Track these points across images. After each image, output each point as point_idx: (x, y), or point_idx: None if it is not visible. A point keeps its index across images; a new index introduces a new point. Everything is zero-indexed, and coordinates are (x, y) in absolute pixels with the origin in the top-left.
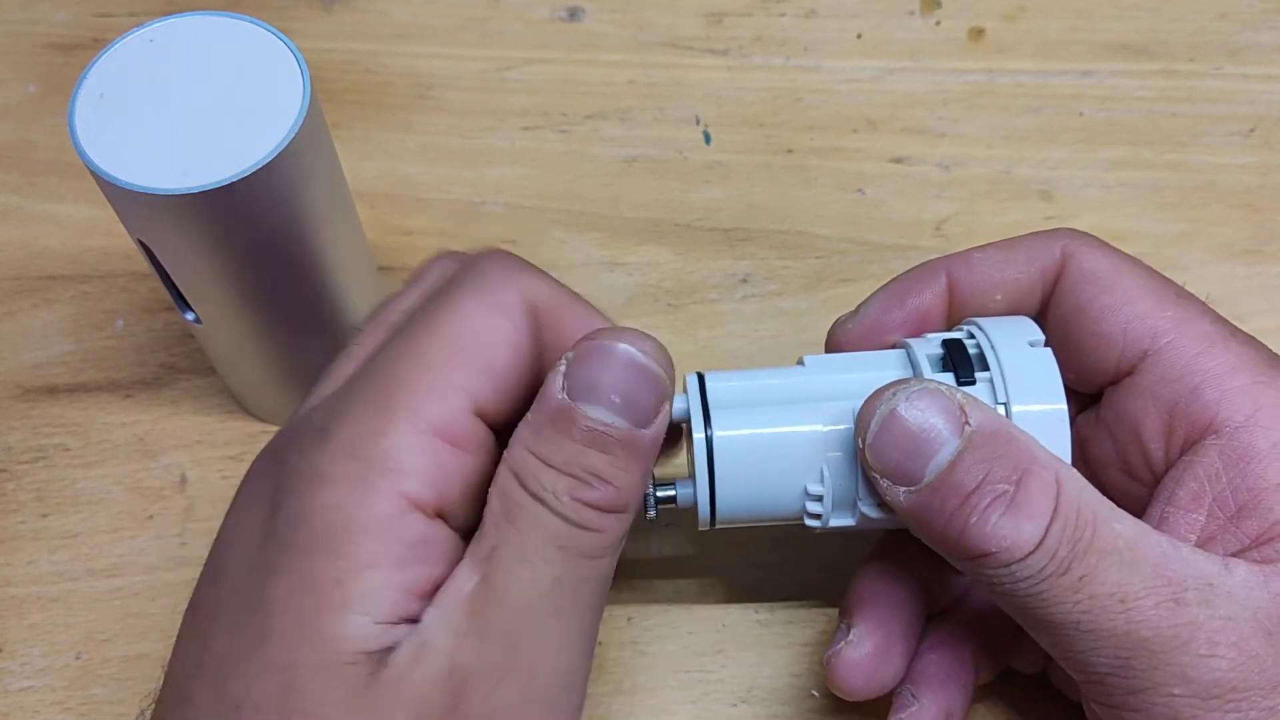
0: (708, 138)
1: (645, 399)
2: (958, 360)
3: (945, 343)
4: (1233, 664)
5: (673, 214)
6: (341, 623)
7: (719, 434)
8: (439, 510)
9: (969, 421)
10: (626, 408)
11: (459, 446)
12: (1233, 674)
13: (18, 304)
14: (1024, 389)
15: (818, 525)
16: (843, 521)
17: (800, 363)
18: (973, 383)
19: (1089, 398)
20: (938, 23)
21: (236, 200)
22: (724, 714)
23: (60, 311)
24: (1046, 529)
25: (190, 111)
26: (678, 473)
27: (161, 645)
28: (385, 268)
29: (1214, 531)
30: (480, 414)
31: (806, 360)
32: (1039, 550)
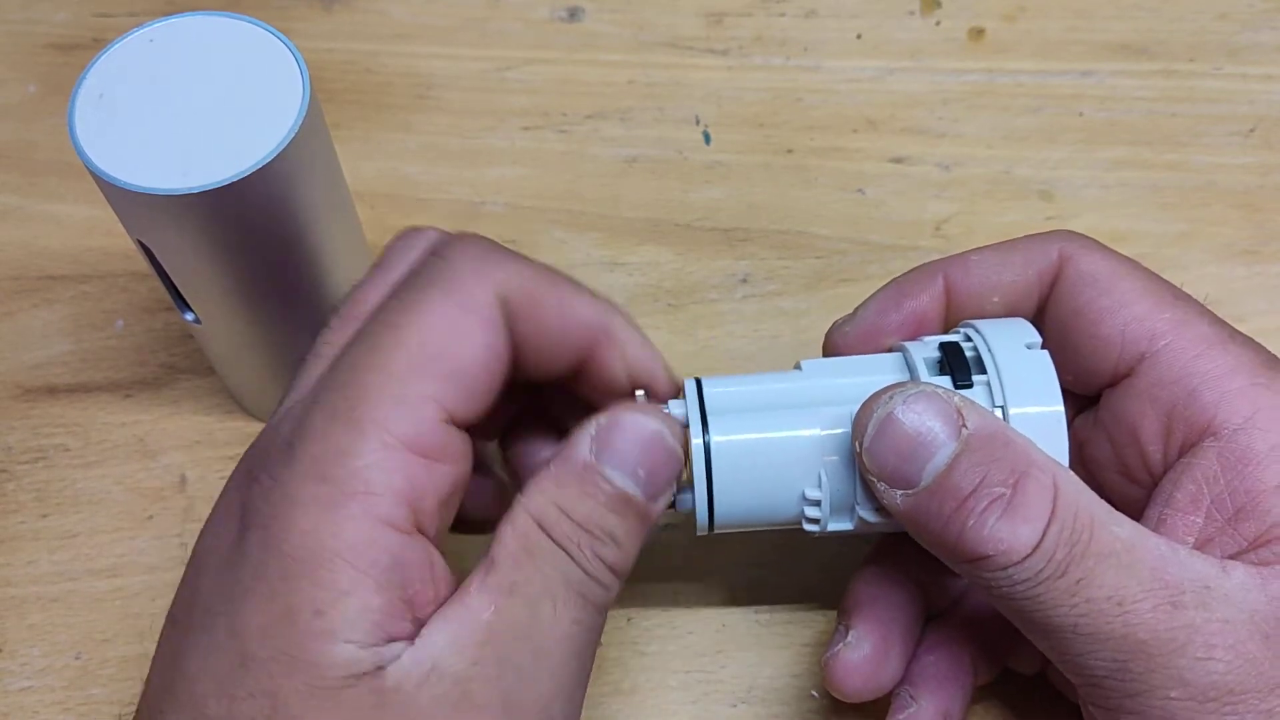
0: (708, 138)
1: (662, 477)
2: (955, 363)
3: (942, 346)
4: (1230, 667)
5: (673, 214)
6: (326, 651)
7: (716, 439)
8: (417, 524)
9: (966, 424)
10: (646, 481)
11: (431, 458)
12: (1230, 677)
13: (18, 304)
14: (1021, 391)
15: (816, 530)
16: (841, 526)
17: (797, 367)
18: (970, 386)
19: (1087, 400)
20: (938, 23)
21: (236, 200)
22: (724, 714)
23: (60, 311)
24: (1044, 532)
25: (190, 111)
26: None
27: None
28: None
29: (1212, 534)
30: (452, 420)
31: (803, 364)
32: (1036, 553)
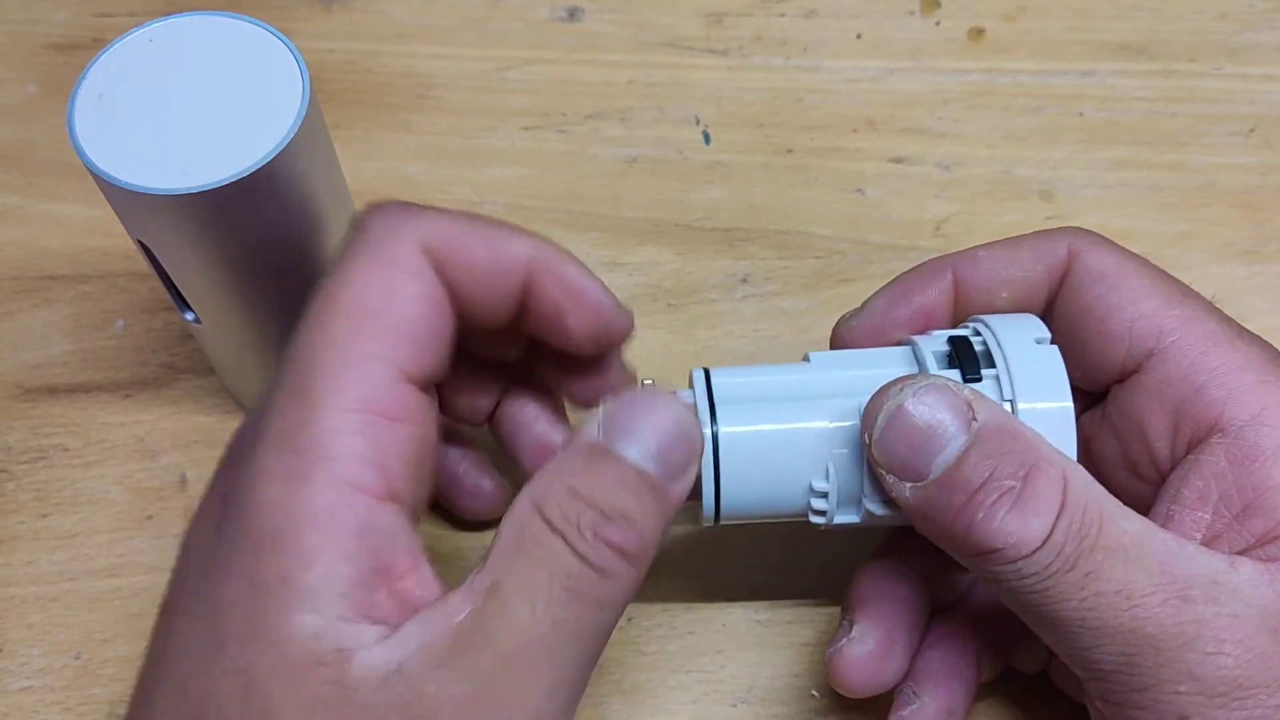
0: (708, 138)
1: (678, 455)
2: (964, 357)
3: (951, 340)
4: (1238, 661)
5: (673, 214)
6: (291, 623)
7: (724, 430)
8: (388, 491)
9: (976, 417)
10: (660, 458)
11: (393, 418)
12: (1238, 671)
13: (18, 304)
14: (1030, 386)
15: (823, 522)
16: (848, 518)
17: (805, 359)
18: (979, 380)
19: (1095, 396)
20: (938, 23)
21: (236, 200)
22: (724, 714)
23: (60, 311)
24: (1053, 525)
25: (190, 111)
26: None
27: None
28: None
29: (1219, 530)
30: (409, 378)
31: (812, 357)
32: (1045, 546)
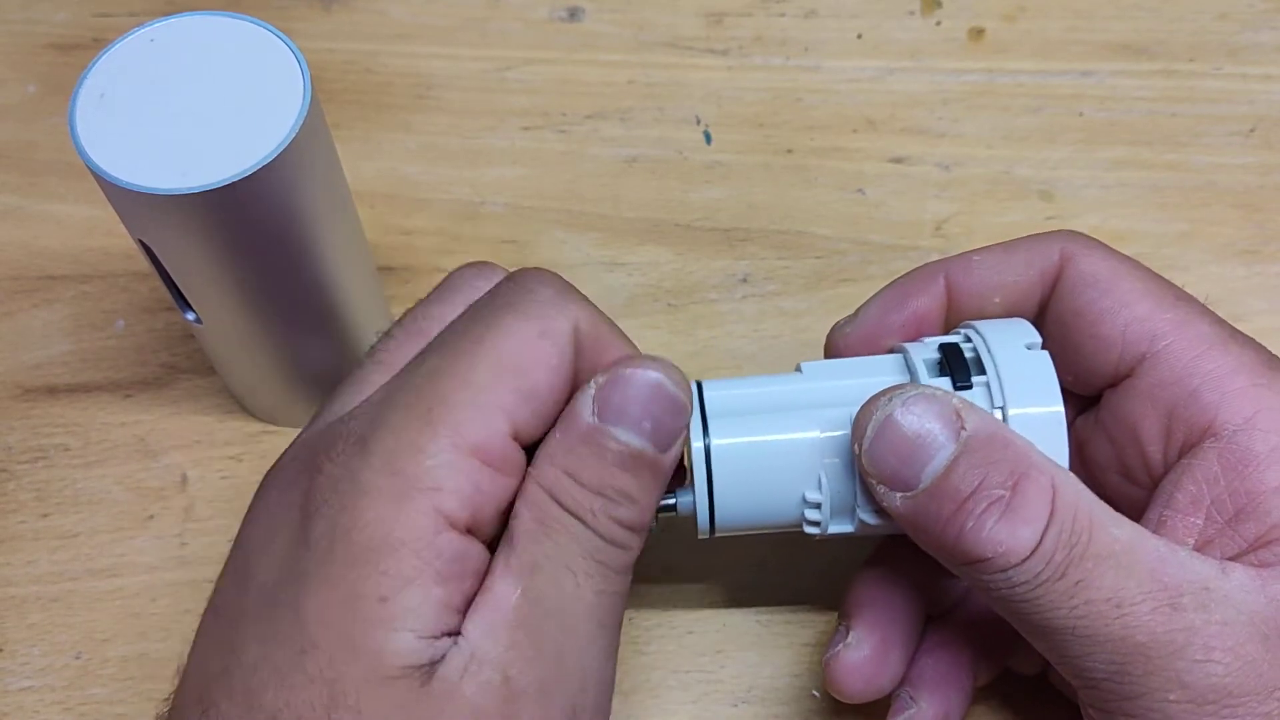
0: (708, 138)
1: (670, 425)
2: (954, 364)
3: (942, 347)
4: (1229, 669)
5: (673, 214)
6: (389, 638)
7: (717, 442)
8: (470, 527)
9: (965, 426)
10: (653, 432)
11: (495, 468)
12: (1229, 679)
13: (18, 304)
14: (1021, 392)
15: (817, 532)
16: (841, 528)
17: (797, 369)
18: (969, 387)
19: (1088, 400)
20: (938, 23)
21: (236, 200)
22: (724, 714)
23: (60, 311)
24: (1042, 534)
25: (190, 111)
26: (676, 481)
27: (161, 645)
28: (385, 268)
29: (1212, 535)
30: (517, 437)
31: (803, 367)
32: (1035, 555)
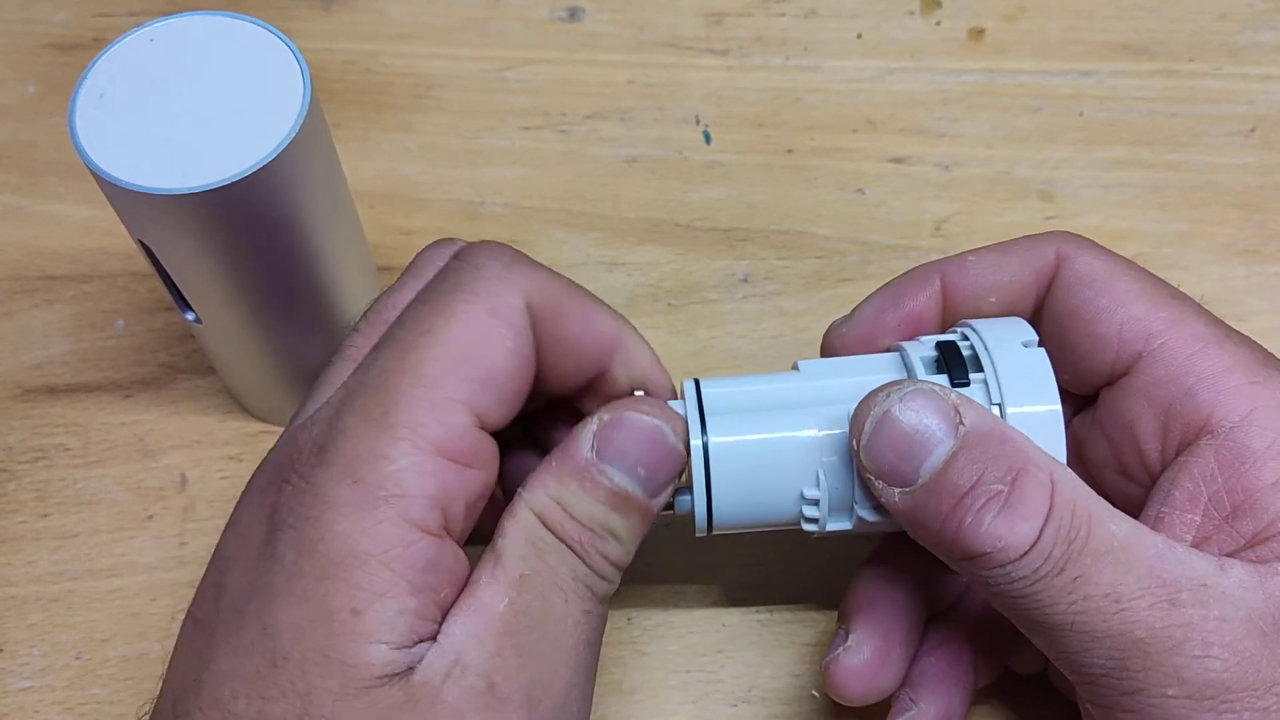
0: (708, 138)
1: (663, 474)
2: (951, 362)
3: (939, 344)
4: (1227, 665)
5: (673, 214)
6: (362, 652)
7: (715, 441)
8: (446, 528)
9: (963, 422)
10: (647, 479)
11: (462, 463)
12: (1227, 675)
13: (18, 304)
14: (1018, 389)
15: (815, 530)
16: (840, 525)
17: (794, 368)
18: (967, 384)
19: (1084, 400)
20: (938, 23)
21: (236, 200)
22: (724, 714)
23: (60, 311)
24: (1041, 529)
25: (190, 111)
26: None
27: (161, 645)
28: (385, 268)
29: (1209, 532)
30: (483, 425)
31: (801, 365)
32: (1033, 551)
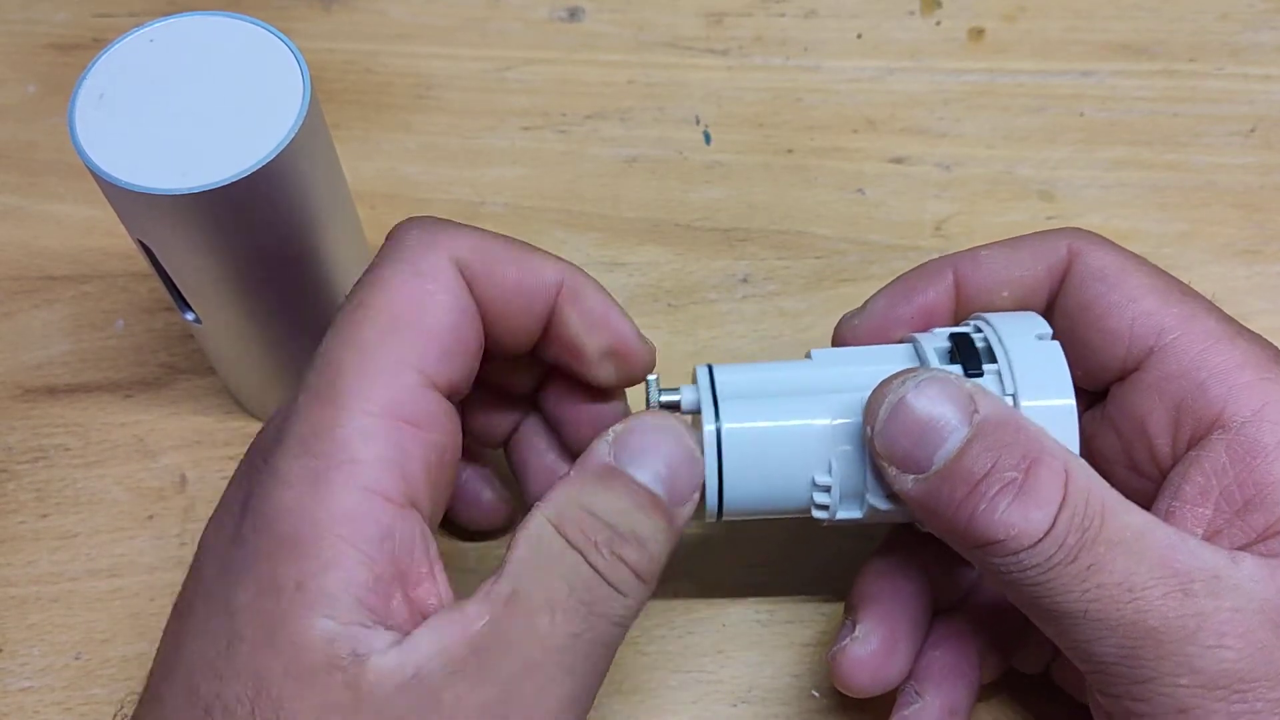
0: (708, 138)
1: (685, 480)
2: (965, 353)
3: (953, 336)
4: (1240, 655)
5: (673, 214)
6: (307, 627)
7: (727, 426)
8: (408, 497)
9: (978, 410)
10: (670, 481)
11: (417, 425)
12: (1240, 665)
13: (18, 304)
14: (1032, 381)
15: (825, 517)
16: (850, 514)
17: (808, 356)
18: (980, 375)
19: (1095, 396)
20: (938, 23)
21: (236, 200)
22: (724, 714)
23: (60, 311)
24: (1055, 517)
25: (190, 111)
26: None
27: None
28: None
29: (1220, 526)
30: (434, 385)
31: (814, 354)
32: (1047, 538)
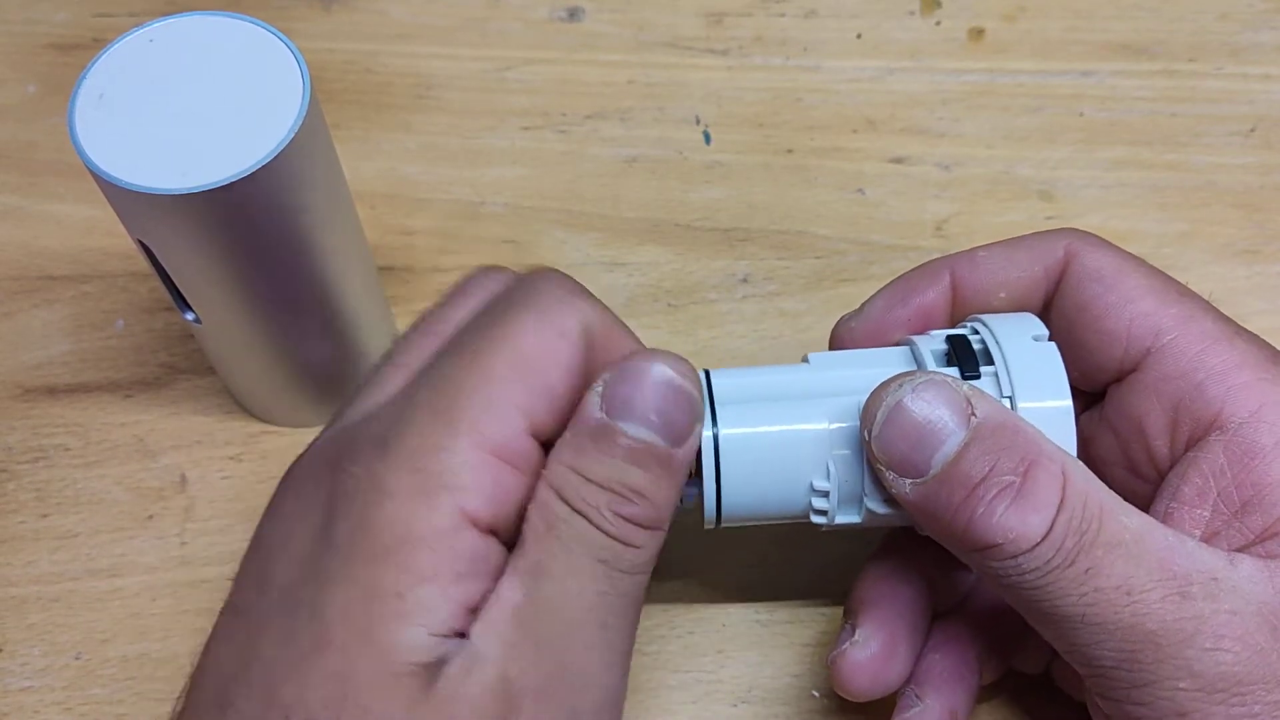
0: (708, 138)
1: (680, 418)
2: (962, 355)
3: (949, 338)
4: (1238, 658)
5: (673, 214)
6: (400, 633)
7: (725, 432)
8: (491, 526)
9: (975, 413)
10: (664, 426)
11: (515, 466)
12: (1238, 667)
13: (18, 304)
14: (1029, 383)
15: (824, 522)
16: (849, 518)
17: (805, 360)
18: (977, 377)
19: (1092, 397)
20: (938, 23)
21: (236, 200)
22: (724, 714)
23: (60, 311)
24: (1053, 521)
25: (190, 111)
26: None
27: (161, 645)
28: (385, 268)
29: (1218, 527)
30: (534, 434)
31: (811, 358)
32: (1045, 542)
